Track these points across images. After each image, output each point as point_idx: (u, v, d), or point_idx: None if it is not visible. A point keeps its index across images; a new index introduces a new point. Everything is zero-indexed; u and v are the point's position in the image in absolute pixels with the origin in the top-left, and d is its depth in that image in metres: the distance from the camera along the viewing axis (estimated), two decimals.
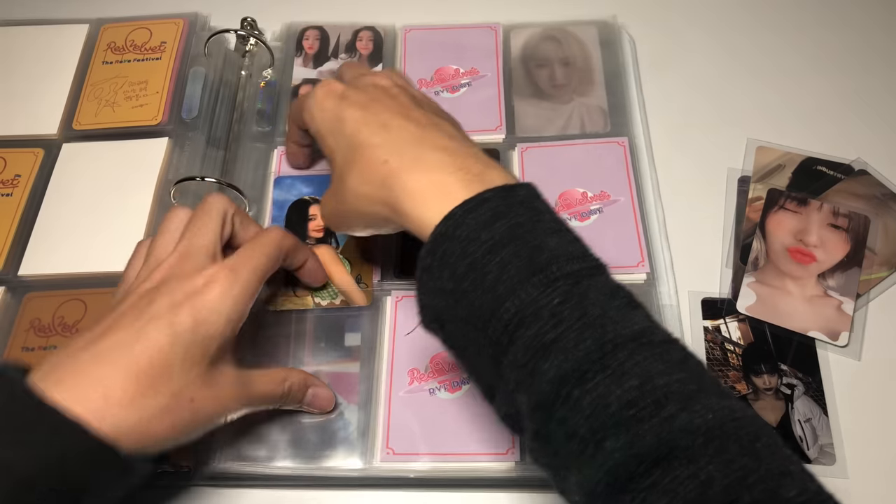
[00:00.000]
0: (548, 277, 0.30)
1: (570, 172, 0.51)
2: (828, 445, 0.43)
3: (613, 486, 0.27)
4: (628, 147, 0.52)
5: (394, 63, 0.58)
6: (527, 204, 0.33)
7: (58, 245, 0.50)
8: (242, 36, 0.58)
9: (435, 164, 0.34)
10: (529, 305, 0.30)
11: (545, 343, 0.29)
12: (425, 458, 0.42)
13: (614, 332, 0.29)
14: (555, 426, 0.29)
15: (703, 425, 0.27)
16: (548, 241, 0.31)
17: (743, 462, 0.27)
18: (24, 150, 0.54)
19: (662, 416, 0.27)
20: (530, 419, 0.30)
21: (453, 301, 0.32)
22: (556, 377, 0.29)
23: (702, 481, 0.26)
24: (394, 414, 0.43)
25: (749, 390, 0.45)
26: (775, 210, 0.50)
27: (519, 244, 0.31)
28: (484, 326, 0.31)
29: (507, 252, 0.31)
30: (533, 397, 0.30)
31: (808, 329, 0.46)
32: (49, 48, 0.59)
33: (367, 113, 0.38)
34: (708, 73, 0.58)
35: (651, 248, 0.48)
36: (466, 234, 0.31)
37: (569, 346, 0.29)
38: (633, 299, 0.31)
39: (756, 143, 0.54)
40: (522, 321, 0.30)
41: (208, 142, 0.54)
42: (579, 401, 0.28)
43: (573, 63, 0.57)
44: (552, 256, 0.31)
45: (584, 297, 0.30)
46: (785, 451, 0.28)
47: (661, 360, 0.29)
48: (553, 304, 0.30)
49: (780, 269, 0.48)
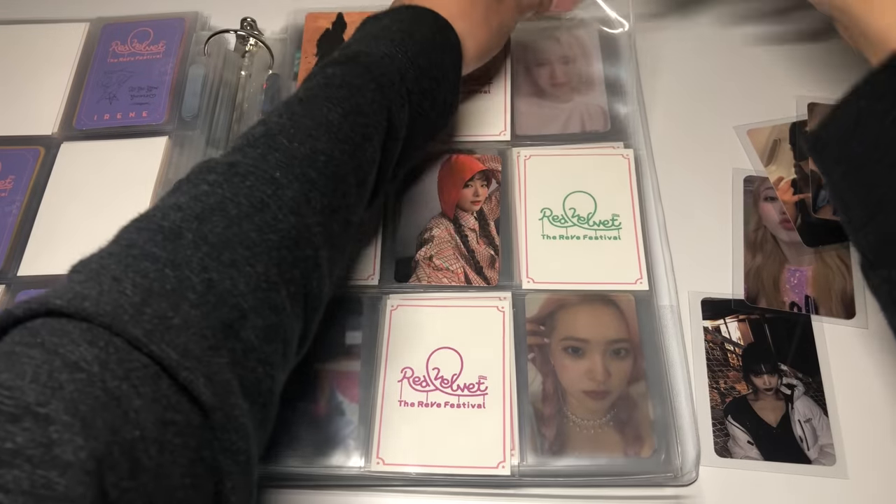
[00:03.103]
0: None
1: (572, 180, 0.51)
2: (828, 445, 0.43)
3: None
4: (633, 159, 0.52)
5: None
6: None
7: (57, 245, 0.50)
8: (242, 36, 0.58)
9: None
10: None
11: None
12: (415, 468, 0.41)
13: None
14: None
15: None
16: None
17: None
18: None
19: None
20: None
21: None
22: None
23: None
24: (385, 423, 0.43)
25: (749, 390, 0.45)
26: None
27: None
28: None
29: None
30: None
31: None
32: (48, 47, 0.59)
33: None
34: (708, 73, 0.58)
35: (650, 249, 0.48)
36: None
37: None
38: None
39: (744, 129, 0.54)
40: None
41: (208, 142, 0.54)
42: None
43: (573, 62, 0.57)
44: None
45: None
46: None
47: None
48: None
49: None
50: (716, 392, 0.45)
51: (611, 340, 0.45)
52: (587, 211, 0.50)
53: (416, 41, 0.42)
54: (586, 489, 0.42)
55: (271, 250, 0.32)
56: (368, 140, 0.38)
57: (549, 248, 0.48)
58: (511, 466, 0.41)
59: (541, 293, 0.47)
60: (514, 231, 0.49)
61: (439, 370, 0.44)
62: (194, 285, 0.29)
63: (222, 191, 0.33)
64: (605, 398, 0.43)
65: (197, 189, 0.33)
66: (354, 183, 0.38)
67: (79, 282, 0.28)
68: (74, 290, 0.27)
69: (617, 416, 0.42)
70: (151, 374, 0.26)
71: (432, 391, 0.44)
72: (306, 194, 0.34)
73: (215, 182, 0.33)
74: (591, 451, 0.41)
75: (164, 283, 0.29)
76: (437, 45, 0.43)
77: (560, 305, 0.46)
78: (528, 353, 0.45)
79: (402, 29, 0.42)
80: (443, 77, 0.43)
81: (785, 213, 0.50)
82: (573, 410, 0.43)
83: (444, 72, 0.43)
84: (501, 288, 0.47)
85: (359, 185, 0.38)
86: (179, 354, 0.27)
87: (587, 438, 0.42)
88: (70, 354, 0.25)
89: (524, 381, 0.44)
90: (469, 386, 0.44)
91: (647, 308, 0.46)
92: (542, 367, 0.44)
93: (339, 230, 0.37)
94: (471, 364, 0.44)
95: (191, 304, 0.29)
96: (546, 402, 0.43)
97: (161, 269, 0.29)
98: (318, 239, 0.34)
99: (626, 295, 0.46)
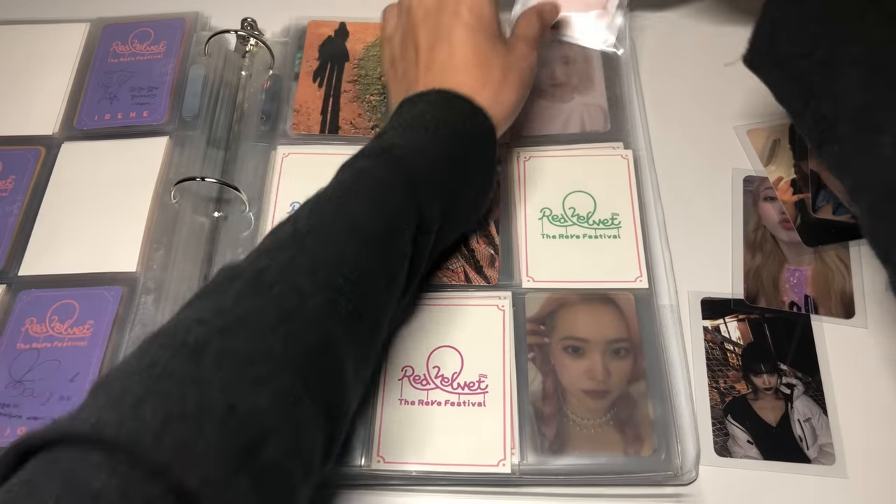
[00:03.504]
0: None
1: (572, 181, 0.51)
2: (827, 445, 0.43)
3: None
4: (632, 159, 0.52)
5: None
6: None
7: (58, 245, 0.50)
8: (243, 36, 0.59)
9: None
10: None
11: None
12: (415, 466, 0.42)
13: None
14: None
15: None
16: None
17: None
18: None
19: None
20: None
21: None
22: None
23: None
24: (385, 422, 0.43)
25: (749, 390, 0.45)
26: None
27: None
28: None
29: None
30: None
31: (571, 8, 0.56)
32: (49, 47, 0.60)
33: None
34: (708, 73, 0.58)
35: (650, 249, 0.48)
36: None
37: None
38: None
39: (744, 129, 0.54)
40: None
41: (208, 142, 0.54)
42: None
43: (573, 62, 0.57)
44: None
45: None
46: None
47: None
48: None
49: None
50: (715, 391, 0.45)
51: (611, 340, 0.45)
52: (587, 210, 0.50)
53: (449, 128, 0.41)
54: (586, 488, 0.42)
55: (295, 364, 0.31)
56: (398, 236, 0.38)
57: (549, 248, 0.49)
58: (511, 465, 0.41)
59: (541, 292, 0.47)
60: (513, 230, 0.50)
61: (439, 369, 0.44)
62: (216, 407, 0.28)
63: (248, 301, 0.32)
64: (605, 397, 0.43)
65: (222, 301, 0.32)
66: (384, 283, 0.37)
67: (99, 406, 0.28)
68: (95, 415, 0.27)
69: (617, 415, 0.42)
70: (171, 502, 0.26)
71: (433, 390, 0.44)
72: (333, 302, 0.34)
73: (241, 293, 0.33)
74: (591, 450, 0.41)
75: (185, 405, 0.28)
76: (469, 131, 0.42)
77: (560, 305, 0.46)
78: (529, 352, 0.45)
79: (435, 117, 0.42)
80: (476, 163, 0.43)
81: (784, 212, 0.50)
82: (573, 409, 0.43)
83: (476, 157, 0.43)
84: (501, 287, 0.47)
85: (388, 283, 0.38)
86: (199, 482, 0.26)
87: (587, 437, 0.42)
88: (91, 484, 0.25)
89: (524, 380, 0.44)
90: (469, 384, 0.44)
91: (647, 307, 0.46)
92: (542, 366, 0.44)
93: (366, 334, 0.36)
94: (471, 362, 0.44)
95: (212, 428, 0.28)
96: (546, 401, 0.43)
97: (182, 390, 0.28)
98: (345, 348, 0.34)
99: (625, 294, 0.46)
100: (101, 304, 0.48)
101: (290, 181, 0.52)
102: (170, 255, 0.49)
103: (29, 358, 0.46)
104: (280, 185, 0.52)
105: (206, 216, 0.52)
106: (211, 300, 0.33)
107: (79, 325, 0.47)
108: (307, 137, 0.54)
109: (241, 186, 0.51)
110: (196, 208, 0.51)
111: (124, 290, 0.48)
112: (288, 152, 0.53)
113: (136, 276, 0.48)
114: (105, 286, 0.48)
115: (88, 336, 0.46)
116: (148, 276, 0.48)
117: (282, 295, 0.33)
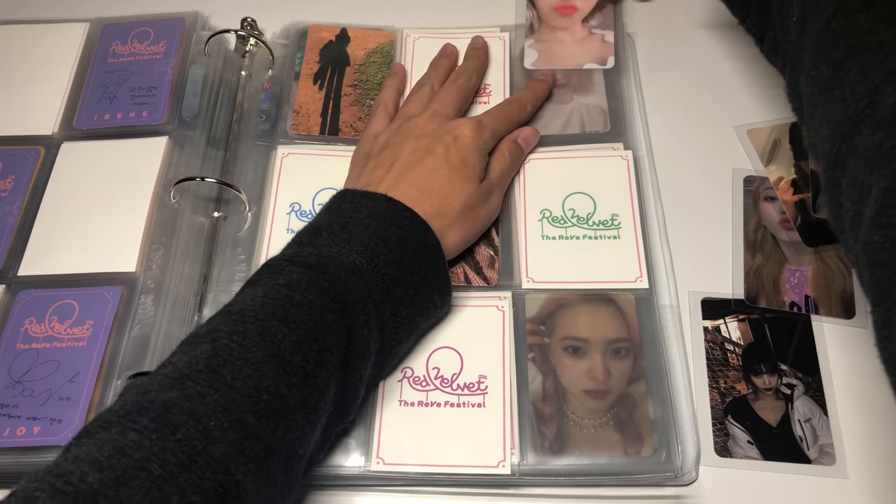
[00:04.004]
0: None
1: (571, 182, 0.51)
2: (828, 445, 0.43)
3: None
4: (631, 160, 0.52)
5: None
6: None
7: (58, 245, 0.50)
8: (242, 36, 0.59)
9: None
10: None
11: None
12: (415, 467, 0.41)
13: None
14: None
15: None
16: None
17: None
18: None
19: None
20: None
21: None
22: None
23: None
24: (385, 423, 0.43)
25: (749, 390, 0.45)
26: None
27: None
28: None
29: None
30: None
31: (583, 63, 0.56)
32: (48, 47, 0.59)
33: None
34: (708, 73, 0.58)
35: (650, 249, 0.48)
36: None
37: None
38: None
39: (744, 129, 0.54)
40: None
41: (208, 142, 0.54)
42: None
43: None
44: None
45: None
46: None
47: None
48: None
49: (552, 25, 0.58)
50: (716, 392, 0.45)
51: (611, 340, 0.45)
52: (587, 211, 0.50)
53: (389, 247, 0.40)
54: (586, 489, 0.42)
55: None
56: (322, 366, 0.36)
57: (549, 249, 0.49)
58: (511, 465, 0.41)
59: (541, 293, 0.47)
60: (513, 232, 0.50)
61: (439, 370, 0.44)
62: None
63: (150, 443, 0.30)
64: (605, 397, 0.43)
65: (124, 438, 0.30)
66: (302, 416, 0.35)
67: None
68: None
69: (617, 415, 0.42)
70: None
71: (432, 391, 0.44)
72: (241, 444, 0.32)
73: (145, 430, 0.31)
74: (591, 451, 0.41)
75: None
76: (412, 251, 0.41)
77: (560, 305, 0.46)
78: (529, 352, 0.45)
79: (377, 233, 0.41)
80: (420, 281, 0.41)
81: (785, 212, 0.50)
82: (573, 410, 0.43)
83: (420, 277, 0.42)
84: (501, 288, 0.47)
85: (308, 414, 0.36)
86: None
87: (587, 438, 0.42)
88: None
89: (524, 380, 0.44)
90: (469, 385, 0.44)
91: (648, 307, 0.46)
92: (542, 366, 0.44)
93: (278, 470, 0.34)
94: (471, 363, 0.44)
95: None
96: (546, 401, 0.43)
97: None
98: (247, 493, 0.32)
99: (626, 294, 0.46)
100: (100, 304, 0.48)
101: (289, 181, 0.52)
102: (169, 255, 0.49)
103: (28, 358, 0.46)
104: (280, 185, 0.52)
105: (206, 216, 0.52)
106: (113, 438, 0.31)
107: (78, 326, 0.47)
108: (307, 138, 0.54)
109: (240, 186, 0.51)
110: (196, 208, 0.51)
111: (124, 290, 0.48)
112: (288, 152, 0.53)
113: (136, 276, 0.48)
114: (104, 286, 0.48)
115: (88, 336, 0.46)
116: (147, 276, 0.48)
117: (185, 441, 0.31)
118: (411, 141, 0.47)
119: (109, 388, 0.44)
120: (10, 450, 0.43)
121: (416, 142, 0.47)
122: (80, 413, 0.43)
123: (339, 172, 0.51)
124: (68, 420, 0.43)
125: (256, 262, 0.49)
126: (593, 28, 0.58)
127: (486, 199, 0.47)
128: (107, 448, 0.30)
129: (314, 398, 0.36)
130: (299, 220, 0.50)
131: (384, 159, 0.47)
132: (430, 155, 0.46)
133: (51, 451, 0.42)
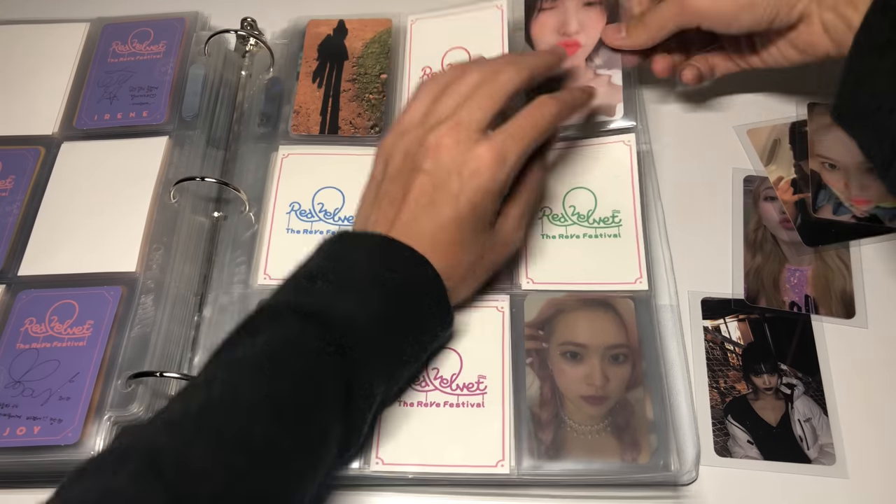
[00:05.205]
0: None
1: (571, 177, 0.51)
2: (828, 445, 0.43)
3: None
4: (634, 148, 0.51)
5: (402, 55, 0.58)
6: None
7: (58, 245, 0.50)
8: (242, 36, 0.59)
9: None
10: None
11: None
12: (414, 467, 0.41)
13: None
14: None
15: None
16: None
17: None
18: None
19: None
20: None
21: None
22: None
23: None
24: (384, 424, 0.43)
25: (749, 390, 0.45)
26: (535, 16, 0.54)
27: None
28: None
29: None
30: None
31: (589, 114, 0.51)
32: (49, 47, 0.60)
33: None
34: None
35: (650, 249, 0.48)
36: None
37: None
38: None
39: (744, 129, 0.54)
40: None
41: (208, 142, 0.54)
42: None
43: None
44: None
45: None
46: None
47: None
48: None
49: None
50: (715, 391, 0.45)
51: (609, 346, 0.44)
52: (587, 208, 0.50)
53: (385, 290, 0.39)
54: (586, 489, 0.42)
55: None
56: (323, 411, 0.36)
57: (549, 248, 0.48)
58: (510, 465, 0.41)
59: (540, 294, 0.47)
60: None
61: (438, 370, 0.44)
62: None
63: (134, 488, 0.30)
64: (602, 403, 0.43)
65: (107, 483, 0.30)
66: (297, 458, 0.35)
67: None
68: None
69: (614, 421, 0.42)
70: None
71: (431, 391, 0.44)
72: (231, 486, 0.32)
73: (132, 475, 0.30)
74: (588, 457, 0.41)
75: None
76: (410, 296, 0.40)
77: (559, 310, 0.46)
78: (527, 357, 0.44)
79: (373, 277, 0.39)
80: (418, 322, 0.41)
81: (785, 212, 0.50)
82: (571, 415, 0.43)
83: (418, 317, 0.41)
84: (501, 288, 0.47)
85: (305, 457, 0.35)
86: None
87: (584, 444, 0.42)
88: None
89: (522, 384, 0.44)
90: (468, 385, 0.44)
91: (647, 308, 0.46)
92: (540, 371, 0.44)
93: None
94: (470, 363, 0.44)
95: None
96: (544, 406, 0.43)
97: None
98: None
99: (625, 300, 0.46)
100: (100, 303, 0.48)
101: (289, 181, 0.52)
102: (169, 255, 0.49)
103: (28, 358, 0.46)
104: (280, 186, 0.52)
105: (206, 216, 0.52)
106: (99, 481, 0.31)
107: (78, 325, 0.47)
108: (307, 138, 0.54)
109: (240, 186, 0.51)
110: (196, 208, 0.51)
111: (124, 290, 0.48)
112: (288, 153, 0.53)
113: (136, 276, 0.48)
114: (105, 286, 0.48)
115: (88, 336, 0.46)
116: (147, 275, 0.48)
117: (173, 483, 0.30)
118: (422, 176, 0.41)
119: (109, 387, 0.44)
120: (10, 450, 0.43)
121: (427, 178, 0.41)
122: (80, 413, 0.44)
123: (340, 172, 0.51)
124: (68, 420, 0.43)
125: (256, 263, 0.49)
126: (598, 68, 0.52)
127: (494, 246, 0.44)
128: (94, 492, 0.30)
129: (312, 444, 0.35)
130: (299, 219, 0.50)
131: (394, 192, 0.42)
132: (440, 197, 0.41)
133: (51, 451, 0.43)
